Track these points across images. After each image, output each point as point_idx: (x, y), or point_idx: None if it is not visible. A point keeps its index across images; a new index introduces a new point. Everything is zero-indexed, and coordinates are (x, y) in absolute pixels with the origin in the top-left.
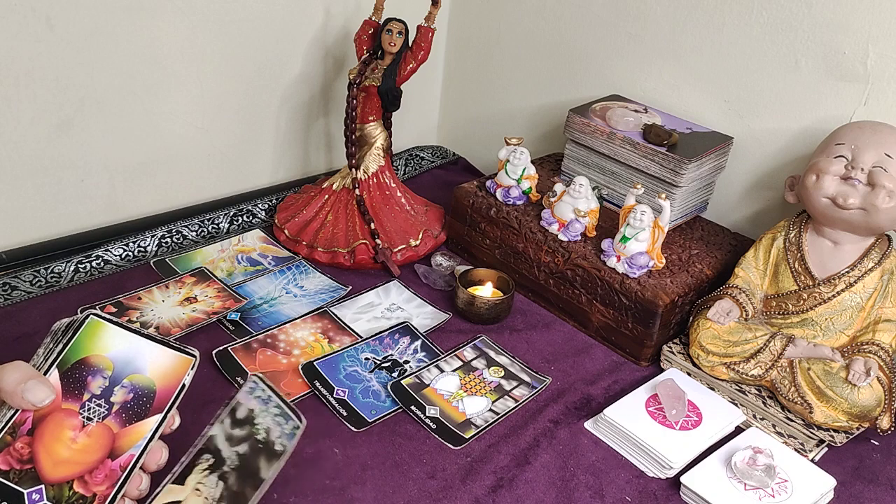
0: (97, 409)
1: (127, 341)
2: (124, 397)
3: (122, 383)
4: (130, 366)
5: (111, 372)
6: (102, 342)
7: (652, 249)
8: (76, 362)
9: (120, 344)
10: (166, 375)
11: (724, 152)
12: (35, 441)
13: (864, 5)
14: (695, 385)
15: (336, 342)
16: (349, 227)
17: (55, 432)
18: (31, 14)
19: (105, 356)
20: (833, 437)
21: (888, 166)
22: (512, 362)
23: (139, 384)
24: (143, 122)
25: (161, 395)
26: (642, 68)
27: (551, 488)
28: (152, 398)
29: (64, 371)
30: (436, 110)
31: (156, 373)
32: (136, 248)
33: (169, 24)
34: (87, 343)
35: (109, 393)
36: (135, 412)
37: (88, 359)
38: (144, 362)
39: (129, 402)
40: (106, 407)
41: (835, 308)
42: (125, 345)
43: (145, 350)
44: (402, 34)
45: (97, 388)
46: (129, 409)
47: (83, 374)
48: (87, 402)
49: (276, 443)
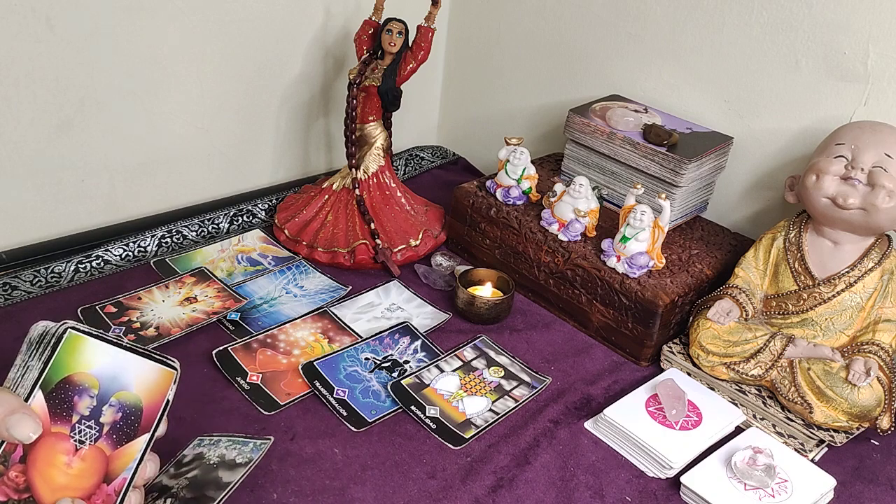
0: (88, 430)
1: (110, 355)
2: (113, 417)
3: (111, 402)
4: (116, 382)
5: (97, 390)
6: (85, 358)
7: (652, 249)
8: (60, 381)
9: (103, 358)
10: (151, 390)
11: (724, 152)
12: (29, 468)
13: (864, 5)
14: (695, 385)
15: (336, 342)
16: (349, 227)
17: (49, 458)
18: (31, 14)
19: (89, 373)
20: (833, 437)
21: (888, 166)
22: (512, 362)
23: (127, 402)
24: (143, 122)
25: (147, 413)
26: (642, 68)
27: (551, 488)
28: (140, 416)
29: (49, 392)
30: (436, 110)
31: (141, 388)
32: (136, 248)
33: (169, 24)
34: (68, 360)
35: (98, 413)
36: (124, 432)
37: (73, 377)
38: (130, 378)
39: (119, 421)
40: (96, 428)
41: (835, 308)
42: (108, 359)
43: (129, 364)
44: (402, 34)
45: (85, 408)
46: (118, 429)
47: (69, 393)
48: (77, 425)
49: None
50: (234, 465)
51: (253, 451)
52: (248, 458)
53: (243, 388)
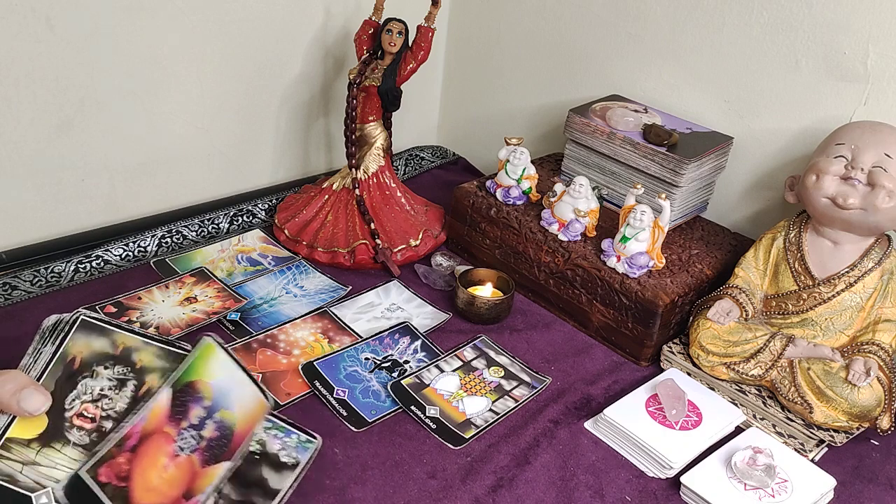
0: (190, 440)
1: (229, 371)
2: (212, 433)
3: (214, 417)
4: (224, 400)
5: (209, 402)
6: (211, 367)
7: (652, 249)
8: (187, 384)
9: (223, 372)
10: (245, 417)
11: (724, 152)
12: (135, 459)
13: (864, 5)
14: (695, 385)
15: (336, 342)
16: (349, 227)
17: (154, 455)
18: (31, 14)
19: (209, 383)
20: (833, 437)
21: (888, 166)
22: (512, 362)
23: (225, 422)
24: (143, 122)
25: (236, 439)
26: (642, 68)
27: (551, 488)
28: (230, 440)
29: (176, 390)
30: (436, 110)
31: (240, 413)
32: (136, 248)
33: (169, 24)
34: (200, 365)
35: (202, 426)
36: (214, 453)
37: (196, 383)
38: (234, 399)
39: (214, 439)
40: (196, 440)
41: (835, 308)
42: (227, 374)
43: (238, 385)
44: (402, 34)
45: (195, 417)
46: (212, 447)
47: (188, 398)
48: (184, 431)
49: (281, 455)
50: (279, 464)
51: (299, 451)
52: (296, 460)
53: None
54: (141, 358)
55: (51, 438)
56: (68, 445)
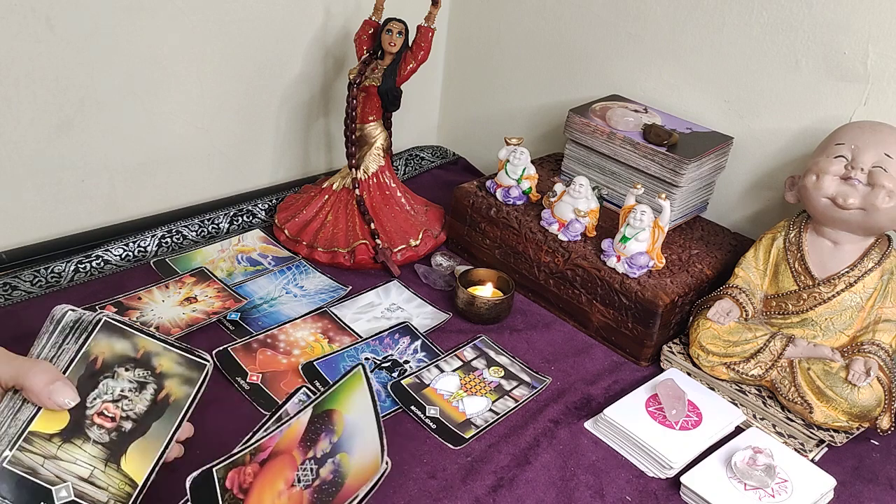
0: (309, 474)
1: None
2: (326, 475)
3: (335, 459)
4: (349, 441)
5: (338, 437)
6: (352, 399)
7: (652, 249)
8: (326, 411)
9: (358, 410)
10: (359, 470)
11: (724, 152)
12: (259, 473)
13: (864, 5)
14: (695, 385)
15: (336, 342)
16: (349, 227)
17: (275, 477)
18: (31, 14)
19: (345, 416)
20: (833, 437)
21: (888, 166)
22: (512, 362)
23: (341, 470)
24: (143, 122)
25: (344, 493)
26: (642, 68)
27: (551, 488)
28: (339, 490)
29: (315, 415)
30: (436, 110)
31: (356, 464)
32: (136, 248)
33: (169, 24)
34: (344, 394)
35: (322, 463)
36: (321, 498)
37: (334, 413)
38: (357, 445)
39: (326, 483)
40: (313, 477)
41: (835, 308)
42: (360, 414)
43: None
44: (402, 34)
45: (321, 450)
46: (322, 489)
47: (322, 427)
48: (308, 461)
49: None
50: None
51: None
52: None
53: (243, 388)
54: (161, 363)
55: (72, 434)
56: (88, 442)
